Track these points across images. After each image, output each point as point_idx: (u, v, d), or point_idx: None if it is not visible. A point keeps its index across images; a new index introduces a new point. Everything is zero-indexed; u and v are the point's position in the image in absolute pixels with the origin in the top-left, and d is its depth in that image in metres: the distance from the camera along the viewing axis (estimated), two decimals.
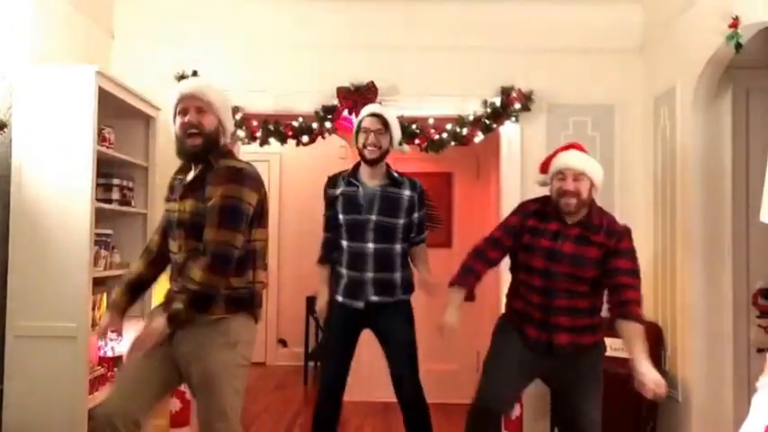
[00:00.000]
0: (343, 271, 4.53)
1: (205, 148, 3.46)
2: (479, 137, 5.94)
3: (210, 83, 3.60)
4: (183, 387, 5.57)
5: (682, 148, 5.25)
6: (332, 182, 4.68)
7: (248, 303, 3.51)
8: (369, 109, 4.61)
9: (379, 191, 4.50)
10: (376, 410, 6.45)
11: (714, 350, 5.13)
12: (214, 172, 3.43)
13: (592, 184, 3.97)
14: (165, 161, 5.59)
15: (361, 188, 4.51)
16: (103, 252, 4.95)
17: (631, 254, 4.04)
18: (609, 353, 5.51)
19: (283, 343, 9.42)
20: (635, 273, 4.03)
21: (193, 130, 3.43)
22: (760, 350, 5.06)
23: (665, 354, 5.48)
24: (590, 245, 3.92)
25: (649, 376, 3.61)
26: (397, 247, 4.52)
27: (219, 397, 3.42)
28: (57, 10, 5.12)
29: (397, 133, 4.58)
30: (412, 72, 6.08)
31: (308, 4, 6.05)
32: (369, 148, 4.46)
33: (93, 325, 4.72)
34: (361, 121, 4.54)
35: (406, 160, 7.19)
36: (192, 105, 3.45)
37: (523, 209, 4.18)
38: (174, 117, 3.51)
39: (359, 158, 4.58)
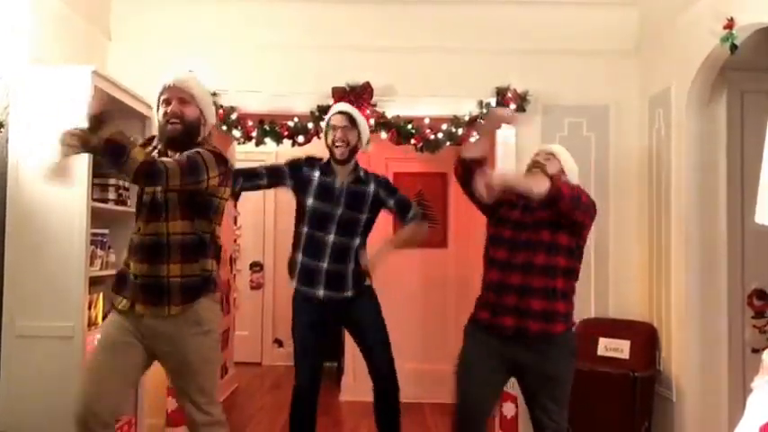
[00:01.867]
0: (299, 257, 4.58)
1: (184, 135, 3.60)
2: (475, 137, 5.93)
3: (195, 76, 3.77)
4: None
5: (677, 149, 5.27)
6: (310, 162, 4.70)
7: (205, 289, 3.63)
8: (336, 107, 4.73)
9: (346, 186, 4.58)
10: (362, 411, 6.44)
11: (709, 350, 5.15)
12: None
13: (561, 166, 4.09)
14: None
15: (337, 180, 4.57)
16: (99, 252, 4.95)
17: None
18: (603, 353, 5.57)
19: (279, 343, 9.42)
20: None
21: (175, 120, 3.58)
22: (755, 350, 5.08)
23: (660, 354, 5.49)
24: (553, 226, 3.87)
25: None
26: (356, 241, 4.59)
27: (199, 379, 3.62)
28: (53, 11, 5.11)
29: (365, 132, 4.66)
30: (407, 72, 6.08)
31: (304, 5, 6.05)
32: (337, 144, 4.54)
33: (90, 324, 4.71)
34: (329, 120, 4.63)
35: (403, 160, 7.22)
36: (174, 96, 3.60)
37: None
38: (158, 107, 3.66)
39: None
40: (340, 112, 4.61)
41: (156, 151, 3.67)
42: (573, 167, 4.12)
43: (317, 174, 4.60)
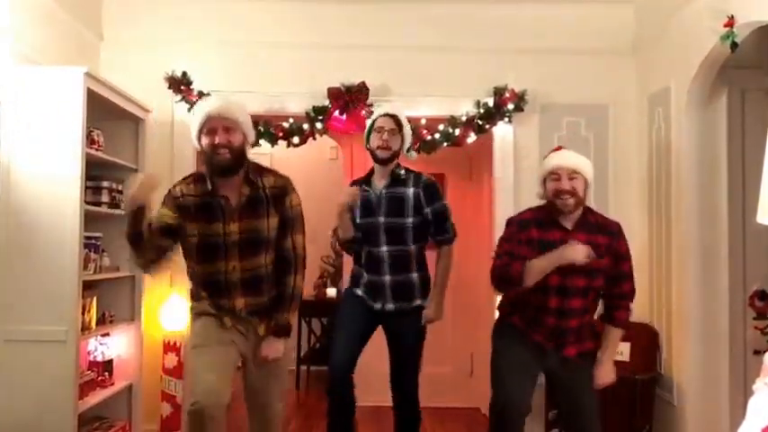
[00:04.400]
0: (363, 272, 4.58)
1: (235, 162, 3.69)
2: (472, 137, 5.91)
3: (235, 101, 3.85)
4: (174, 391, 5.55)
5: (677, 148, 5.23)
6: (353, 185, 4.71)
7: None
8: (383, 109, 4.70)
9: (384, 191, 4.54)
10: (368, 414, 6.39)
11: (710, 352, 5.11)
12: (270, 189, 3.79)
13: (586, 183, 3.90)
14: (154, 163, 5.56)
15: (372, 191, 4.56)
16: (93, 255, 4.89)
17: (629, 255, 4.06)
18: None
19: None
20: (632, 276, 4.11)
21: (224, 150, 3.65)
22: (756, 352, 5.04)
23: (661, 356, 5.45)
24: (600, 252, 3.81)
25: (605, 370, 4.02)
26: (411, 247, 4.53)
27: (281, 381, 4.06)
28: (45, 12, 5.06)
29: (408, 139, 4.64)
30: (404, 72, 6.04)
31: (299, 5, 6.00)
32: (381, 147, 4.50)
33: (83, 329, 4.67)
34: (374, 121, 4.58)
35: (400, 161, 7.15)
36: (220, 125, 3.66)
37: (516, 220, 4.04)
38: (200, 135, 3.71)
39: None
40: (386, 115, 4.56)
41: (196, 186, 3.77)
42: (591, 173, 3.98)
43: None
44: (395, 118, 4.54)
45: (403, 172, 4.59)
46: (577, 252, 3.63)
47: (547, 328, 3.88)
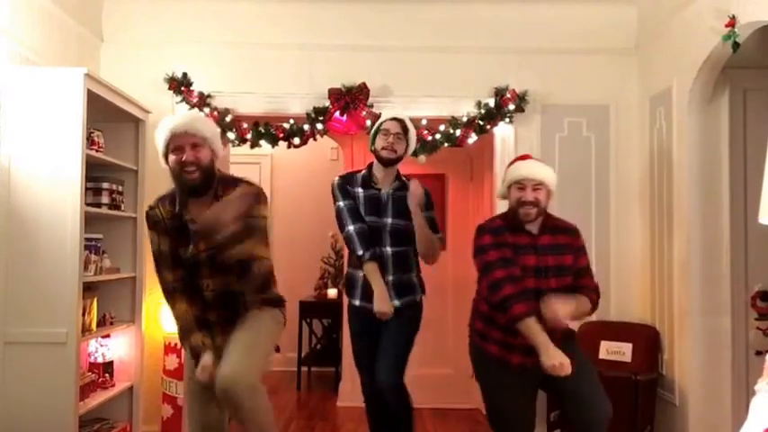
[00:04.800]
0: (360, 274, 4.52)
1: (203, 181, 3.58)
2: (473, 138, 5.89)
3: (200, 116, 3.77)
4: (175, 393, 5.54)
5: (678, 149, 5.22)
6: (347, 179, 4.64)
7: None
8: (391, 113, 4.71)
9: (391, 194, 4.54)
10: None
11: (712, 353, 5.09)
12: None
13: (548, 193, 4.04)
14: (155, 164, 5.54)
15: (382, 191, 4.54)
16: (93, 257, 4.88)
17: (586, 252, 4.20)
18: (604, 356, 5.54)
19: (276, 348, 9.32)
20: (591, 272, 4.22)
21: (192, 168, 3.53)
22: (758, 353, 5.03)
23: (662, 357, 5.45)
24: (563, 251, 3.99)
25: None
26: (412, 248, 4.56)
27: (258, 344, 3.79)
28: (46, 13, 5.05)
29: (412, 144, 4.64)
30: (404, 73, 6.03)
31: (298, 5, 5.99)
32: (385, 148, 4.49)
33: (83, 331, 4.66)
34: (381, 124, 4.58)
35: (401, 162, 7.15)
36: (186, 143, 3.54)
37: (489, 227, 4.07)
38: (166, 153, 3.59)
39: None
40: (394, 119, 4.56)
41: (167, 208, 3.69)
42: (554, 183, 4.11)
43: (360, 189, 4.56)
44: (402, 122, 4.54)
45: (404, 178, 4.61)
46: (564, 368, 3.71)
47: (522, 339, 3.85)
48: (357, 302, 4.57)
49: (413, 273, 4.59)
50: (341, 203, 4.55)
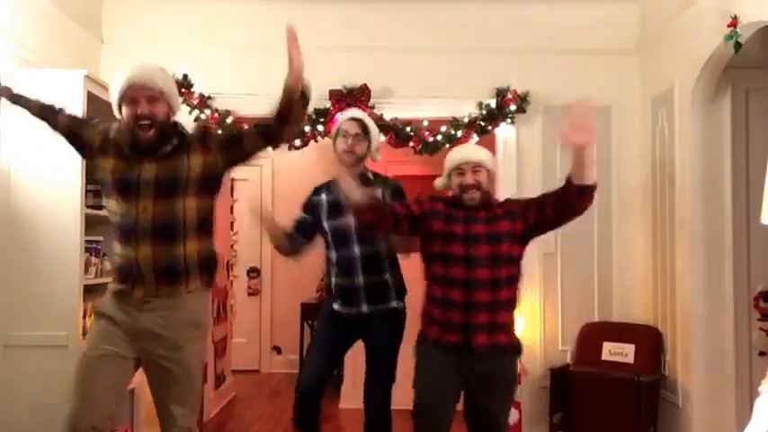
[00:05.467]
0: (335, 280, 4.46)
1: (157, 138, 3.37)
2: (474, 139, 5.88)
3: (160, 68, 3.47)
4: None
5: (680, 149, 5.21)
6: (316, 189, 4.64)
7: (213, 271, 3.58)
8: (349, 113, 4.61)
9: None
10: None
11: (715, 354, 5.09)
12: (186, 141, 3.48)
13: (489, 174, 3.95)
14: None
15: (339, 193, 4.44)
16: (94, 259, 4.88)
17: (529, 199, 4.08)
18: (607, 357, 5.55)
19: (277, 350, 9.34)
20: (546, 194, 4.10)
21: (146, 122, 3.32)
22: (762, 354, 5.03)
23: (665, 358, 5.44)
24: (500, 219, 3.88)
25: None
26: (382, 247, 4.41)
27: (192, 386, 3.55)
28: (46, 15, 5.05)
29: (375, 142, 4.52)
30: (405, 74, 6.02)
31: (300, 7, 5.98)
32: (346, 153, 4.40)
33: (84, 333, 4.64)
34: (340, 125, 4.50)
35: (401, 162, 7.17)
36: (142, 95, 3.32)
37: (424, 197, 4.07)
38: (120, 104, 3.37)
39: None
40: (351, 119, 4.48)
41: (107, 144, 3.45)
42: (493, 163, 4.06)
43: (324, 196, 4.51)
44: (360, 122, 4.44)
45: (371, 175, 4.52)
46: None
47: (457, 312, 3.78)
48: (336, 306, 4.46)
49: (385, 274, 4.43)
50: (299, 217, 4.59)
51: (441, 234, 3.82)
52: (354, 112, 4.65)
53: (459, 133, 5.85)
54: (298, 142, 5.90)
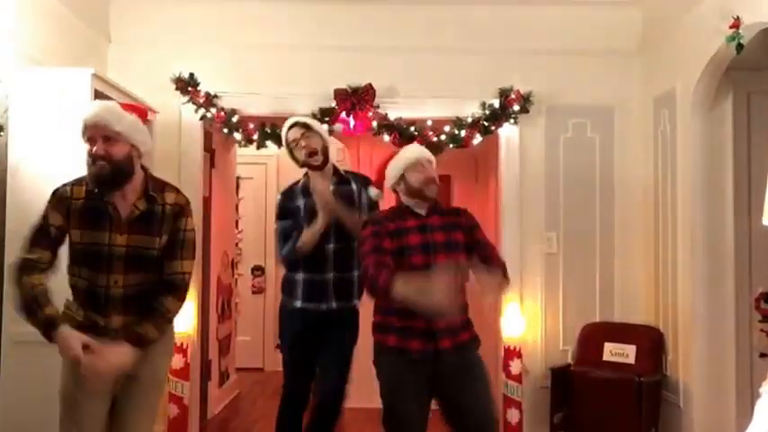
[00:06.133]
0: (300, 276, 4.51)
1: (114, 176, 3.35)
2: (478, 139, 5.90)
3: (116, 108, 3.44)
4: (180, 393, 5.55)
5: (682, 150, 5.22)
6: (288, 195, 4.65)
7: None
8: (286, 125, 4.59)
9: (333, 189, 4.49)
10: (375, 417, 6.40)
11: (716, 355, 5.10)
12: (163, 207, 3.46)
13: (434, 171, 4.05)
14: (161, 164, 5.56)
15: (314, 196, 4.47)
16: None
17: (479, 225, 4.14)
18: (608, 357, 5.55)
19: (280, 348, 9.33)
20: (491, 243, 4.18)
21: (101, 162, 3.32)
22: (762, 355, 5.03)
23: (667, 358, 5.45)
24: (454, 229, 3.96)
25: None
26: (354, 244, 4.43)
27: (157, 401, 3.66)
28: (53, 13, 5.07)
29: (324, 133, 4.58)
30: (410, 74, 6.03)
31: (305, 6, 6.01)
32: (310, 156, 4.43)
33: None
34: (286, 138, 4.54)
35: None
36: (98, 135, 3.32)
37: (371, 219, 4.04)
38: (85, 142, 3.39)
39: (304, 170, 4.62)
40: (290, 127, 4.51)
41: (82, 188, 3.45)
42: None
43: (300, 201, 4.53)
44: (298, 125, 4.48)
45: (343, 171, 4.62)
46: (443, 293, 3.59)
47: (419, 318, 3.74)
48: (299, 304, 4.52)
49: (354, 271, 4.50)
50: (277, 225, 4.62)
51: (397, 250, 3.83)
52: (290, 120, 4.59)
53: (463, 133, 5.86)
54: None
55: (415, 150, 4.10)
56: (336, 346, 4.55)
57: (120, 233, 3.38)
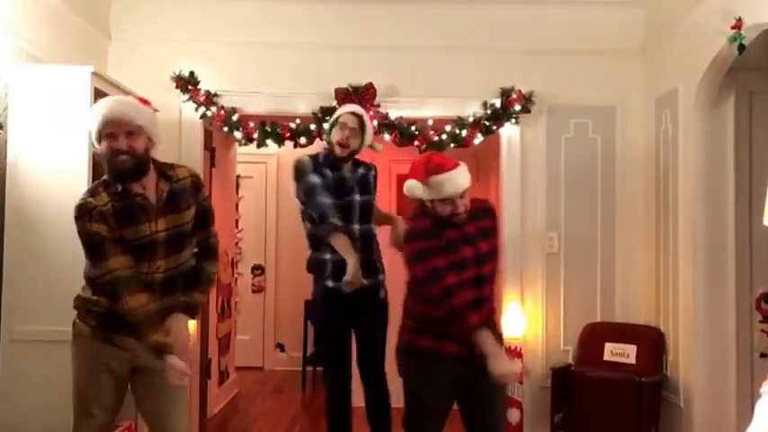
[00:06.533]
0: (327, 256, 4.51)
1: (135, 169, 3.43)
2: (479, 138, 5.90)
3: (135, 102, 3.53)
4: None
5: (684, 150, 5.21)
6: (316, 160, 4.63)
7: None
8: (350, 107, 4.72)
9: (354, 173, 4.62)
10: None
11: (717, 355, 5.09)
12: (181, 182, 3.58)
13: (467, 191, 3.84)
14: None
15: (344, 171, 4.58)
16: None
17: (498, 231, 4.09)
18: (609, 357, 5.54)
19: (281, 347, 9.35)
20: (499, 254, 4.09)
21: (124, 156, 3.38)
22: (763, 355, 5.03)
23: (667, 358, 5.45)
24: (490, 235, 3.91)
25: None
26: (374, 225, 4.64)
27: (182, 394, 3.68)
28: (53, 11, 5.06)
29: (368, 140, 4.65)
30: (411, 73, 6.03)
31: (306, 5, 6.00)
32: (341, 146, 4.52)
33: None
34: (339, 116, 4.60)
35: (407, 162, 7.14)
36: (121, 131, 3.38)
37: (419, 232, 3.87)
38: (100, 139, 3.41)
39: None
40: (352, 113, 4.59)
41: (102, 194, 3.46)
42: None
43: (328, 170, 4.57)
44: (359, 118, 4.56)
45: (359, 160, 4.72)
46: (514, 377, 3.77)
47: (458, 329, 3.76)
48: (331, 283, 4.52)
49: (376, 250, 4.65)
50: (315, 179, 4.51)
51: (449, 265, 3.73)
52: (355, 107, 4.74)
53: (464, 133, 5.86)
54: (303, 140, 5.91)
55: (444, 185, 3.76)
56: (370, 333, 4.65)
57: (156, 219, 3.47)
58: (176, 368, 3.35)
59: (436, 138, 5.85)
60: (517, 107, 5.85)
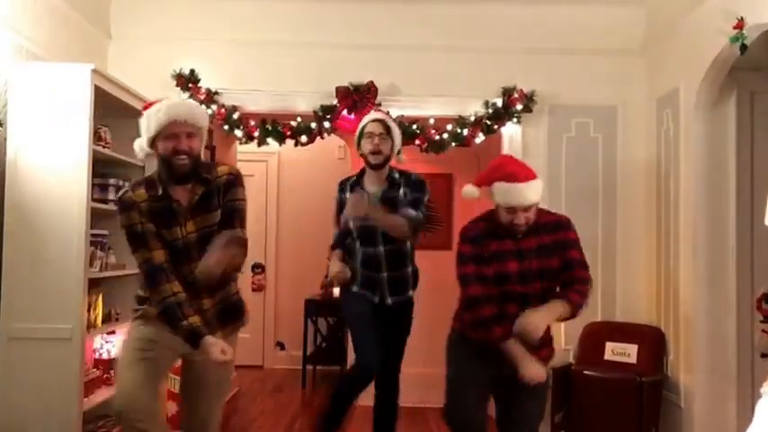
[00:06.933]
0: (359, 268, 4.62)
1: (193, 170, 3.55)
2: (480, 138, 5.90)
3: (196, 104, 3.72)
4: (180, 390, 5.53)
5: (685, 150, 5.21)
6: (341, 186, 4.77)
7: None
8: (372, 115, 4.75)
9: (380, 196, 4.55)
10: (368, 414, 6.39)
11: (717, 355, 5.09)
12: (216, 182, 3.61)
13: (536, 205, 3.84)
14: None
15: (366, 195, 4.52)
16: (99, 253, 4.90)
17: (577, 244, 3.96)
18: (610, 357, 5.54)
19: (281, 346, 9.35)
20: (583, 263, 3.94)
21: (184, 156, 3.49)
22: (764, 355, 5.00)
23: (668, 358, 5.44)
24: (550, 253, 3.84)
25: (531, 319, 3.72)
26: (407, 245, 4.63)
27: (221, 403, 3.95)
28: (53, 9, 5.07)
29: (398, 142, 4.67)
30: (412, 72, 6.03)
31: (307, 4, 6.00)
32: (374, 154, 4.53)
33: (89, 327, 4.67)
34: (364, 127, 4.62)
35: (408, 161, 7.14)
36: (183, 131, 3.49)
37: (470, 235, 3.93)
38: (159, 137, 3.51)
39: (362, 162, 4.70)
40: (374, 120, 4.62)
41: (142, 192, 3.55)
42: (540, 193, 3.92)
43: (347, 195, 4.62)
44: (383, 123, 4.59)
45: (397, 175, 4.64)
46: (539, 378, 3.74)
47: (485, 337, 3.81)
48: (356, 288, 4.64)
49: (407, 268, 4.68)
50: (342, 198, 4.69)
51: (495, 276, 3.81)
52: (375, 114, 4.80)
53: (466, 132, 5.86)
54: (304, 138, 5.91)
55: (510, 193, 3.75)
56: (392, 341, 4.67)
57: (186, 222, 3.54)
58: (217, 344, 3.50)
59: (437, 137, 5.86)
60: (519, 106, 5.85)
